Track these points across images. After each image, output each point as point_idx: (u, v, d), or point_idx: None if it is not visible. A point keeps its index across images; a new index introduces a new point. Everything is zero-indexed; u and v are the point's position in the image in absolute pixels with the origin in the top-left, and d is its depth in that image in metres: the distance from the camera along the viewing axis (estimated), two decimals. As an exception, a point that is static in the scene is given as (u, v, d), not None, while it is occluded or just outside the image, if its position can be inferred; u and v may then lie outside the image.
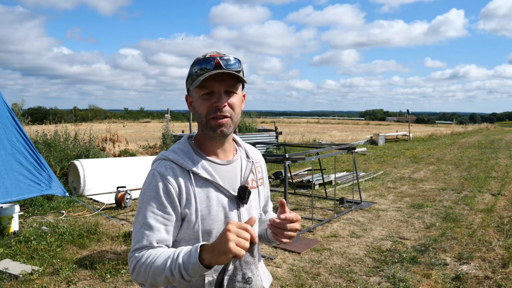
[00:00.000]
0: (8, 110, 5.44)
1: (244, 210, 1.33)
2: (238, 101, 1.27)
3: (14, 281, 3.97)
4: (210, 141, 1.32)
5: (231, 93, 1.25)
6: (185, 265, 1.08)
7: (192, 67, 1.26)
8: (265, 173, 1.53)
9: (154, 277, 1.14)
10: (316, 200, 7.74)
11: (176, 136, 14.38)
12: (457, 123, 47.87)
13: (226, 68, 1.21)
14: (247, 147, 1.46)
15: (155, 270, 1.14)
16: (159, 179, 1.25)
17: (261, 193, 1.44)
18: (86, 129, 10.42)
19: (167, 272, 1.11)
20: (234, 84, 1.25)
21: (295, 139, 20.24)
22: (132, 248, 1.22)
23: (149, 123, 44.34)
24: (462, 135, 31.13)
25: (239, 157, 1.39)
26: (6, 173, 4.98)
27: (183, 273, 1.08)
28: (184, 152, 1.30)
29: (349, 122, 62.03)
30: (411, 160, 14.25)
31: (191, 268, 1.07)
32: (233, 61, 1.23)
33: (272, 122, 21.40)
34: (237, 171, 1.36)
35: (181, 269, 1.08)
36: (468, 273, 4.25)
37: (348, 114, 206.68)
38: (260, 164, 1.48)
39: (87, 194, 7.80)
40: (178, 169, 1.27)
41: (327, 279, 4.14)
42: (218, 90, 1.23)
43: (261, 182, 1.45)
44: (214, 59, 1.21)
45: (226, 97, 1.24)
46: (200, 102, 1.25)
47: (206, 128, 1.26)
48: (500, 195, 8.13)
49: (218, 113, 1.23)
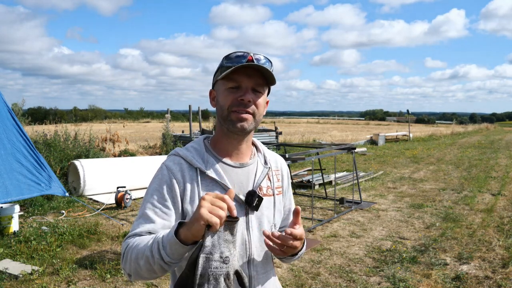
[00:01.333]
0: (8, 110, 5.44)
1: (254, 218, 1.27)
2: (263, 102, 1.25)
3: (14, 281, 3.97)
4: (227, 140, 1.28)
5: (257, 92, 1.23)
6: (163, 243, 1.04)
7: (222, 60, 1.24)
8: (287, 183, 1.44)
9: (137, 260, 1.10)
10: (316, 200, 7.74)
11: (176, 136, 14.39)
12: (457, 123, 47.89)
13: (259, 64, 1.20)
14: (267, 153, 1.39)
15: (138, 252, 1.10)
16: (166, 172, 1.24)
17: (278, 203, 1.35)
18: (86, 129, 10.41)
19: (147, 251, 1.07)
20: (262, 84, 1.23)
21: (295, 139, 20.24)
22: (126, 237, 1.22)
23: (149, 123, 44.34)
24: (462, 135, 31.14)
25: (256, 161, 1.33)
26: (6, 173, 4.98)
27: (161, 251, 1.03)
28: (196, 150, 1.28)
29: (349, 122, 62.05)
30: (411, 160, 14.25)
31: (168, 245, 1.02)
32: (264, 60, 1.22)
33: (272, 122, 21.41)
34: (251, 176, 1.30)
35: (160, 247, 1.04)
36: (468, 273, 4.25)
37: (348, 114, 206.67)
38: (281, 173, 1.41)
39: (87, 194, 7.80)
40: (186, 165, 1.25)
41: (327, 279, 4.14)
42: (246, 86, 1.21)
43: (279, 192, 1.37)
44: (247, 54, 1.21)
45: (252, 94, 1.22)
46: (225, 95, 1.23)
47: (226, 121, 1.23)
48: (500, 195, 8.14)
49: (241, 107, 1.20)
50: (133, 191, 7.69)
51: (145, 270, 1.10)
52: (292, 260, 1.34)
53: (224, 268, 0.99)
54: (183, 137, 14.25)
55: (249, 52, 1.22)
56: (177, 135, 14.61)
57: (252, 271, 1.27)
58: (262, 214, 1.29)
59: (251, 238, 1.26)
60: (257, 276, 1.28)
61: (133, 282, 1.12)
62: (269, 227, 1.31)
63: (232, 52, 1.25)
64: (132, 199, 7.24)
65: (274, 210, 1.33)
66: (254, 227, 1.27)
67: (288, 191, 1.44)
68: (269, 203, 1.31)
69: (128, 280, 4.05)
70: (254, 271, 1.27)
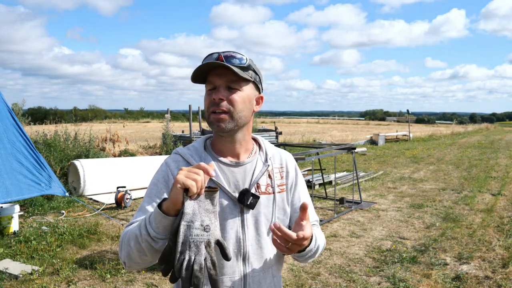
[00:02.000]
0: (8, 110, 5.44)
1: (250, 216, 1.26)
2: (241, 98, 1.24)
3: (14, 281, 3.97)
4: (219, 141, 1.30)
5: (233, 89, 1.23)
6: (150, 219, 1.09)
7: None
8: (294, 180, 1.40)
9: (128, 242, 1.14)
10: (316, 200, 7.74)
11: (176, 136, 14.38)
12: (457, 123, 47.91)
13: (228, 63, 1.20)
14: (269, 151, 1.37)
15: (129, 235, 1.14)
16: (164, 168, 1.29)
17: (280, 201, 1.33)
18: (86, 129, 10.41)
19: (136, 230, 1.11)
20: (236, 80, 1.23)
21: (295, 139, 20.25)
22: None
23: (149, 123, 44.34)
24: (462, 135, 31.14)
25: (255, 159, 1.32)
26: (6, 173, 4.98)
27: (147, 227, 1.08)
28: (195, 149, 1.32)
29: (349, 122, 62.05)
30: (411, 160, 14.25)
31: (153, 219, 1.07)
32: (237, 58, 1.22)
33: (272, 122, 21.40)
34: (248, 174, 1.29)
35: (146, 223, 1.09)
36: (468, 273, 4.25)
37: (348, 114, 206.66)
38: (286, 169, 1.38)
39: (87, 194, 7.80)
40: (183, 162, 1.28)
41: (327, 279, 4.14)
42: (218, 85, 1.22)
43: (282, 189, 1.35)
44: (218, 54, 1.22)
45: (227, 92, 1.22)
46: (205, 98, 1.27)
47: (209, 123, 1.26)
48: (500, 195, 8.14)
49: (215, 107, 1.22)
50: (133, 191, 7.69)
51: (135, 251, 1.13)
52: (305, 258, 1.30)
53: (205, 236, 1.02)
54: (183, 137, 14.25)
55: (220, 51, 1.23)
56: (177, 135, 14.61)
57: (247, 269, 1.26)
58: (259, 213, 1.28)
59: (247, 236, 1.26)
60: (252, 274, 1.27)
61: (129, 270, 1.12)
62: (269, 225, 1.30)
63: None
64: (132, 199, 7.24)
65: (274, 208, 1.31)
66: (250, 225, 1.27)
67: (296, 187, 1.40)
68: (268, 201, 1.30)
69: (128, 281, 4.06)
70: (249, 269, 1.26)
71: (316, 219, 1.47)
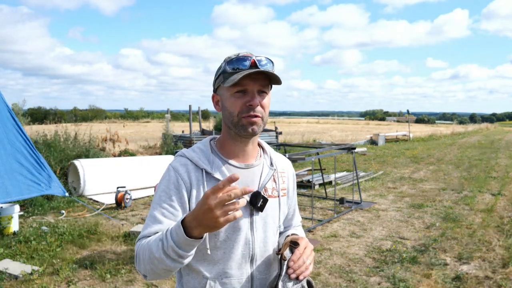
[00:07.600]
0: (8, 110, 5.44)
1: (259, 218, 1.28)
2: (268, 102, 1.26)
3: (14, 281, 3.97)
4: (233, 142, 1.29)
5: (263, 93, 1.24)
6: (179, 244, 1.06)
7: (224, 65, 1.24)
8: (293, 185, 1.46)
9: (151, 261, 1.12)
10: (316, 200, 7.74)
11: (176, 136, 14.38)
12: (457, 123, 47.91)
13: (261, 67, 1.20)
14: (273, 155, 1.40)
15: (151, 255, 1.12)
16: (172, 173, 1.25)
17: (283, 205, 1.37)
18: (86, 129, 10.41)
19: (161, 254, 1.09)
20: (266, 85, 1.24)
21: (295, 139, 20.23)
22: (137, 239, 1.24)
23: (149, 123, 44.31)
24: (462, 135, 31.14)
25: (262, 163, 1.34)
26: (6, 173, 4.98)
27: (179, 252, 1.06)
28: (202, 151, 1.29)
29: (349, 122, 62.04)
30: (411, 160, 14.25)
31: (183, 243, 1.05)
32: (265, 61, 1.22)
33: (272, 122, 21.40)
34: (256, 177, 1.31)
35: (175, 249, 1.06)
36: (468, 273, 4.25)
37: (348, 114, 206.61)
38: (286, 174, 1.42)
39: (87, 194, 7.80)
40: (192, 166, 1.26)
41: (327, 279, 4.14)
42: (252, 89, 1.21)
43: (284, 193, 1.38)
44: (249, 58, 1.21)
45: (259, 97, 1.23)
46: (232, 101, 1.23)
47: (237, 127, 1.23)
48: (500, 195, 8.14)
49: (251, 112, 1.21)
50: (133, 191, 7.69)
51: (161, 270, 1.14)
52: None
53: (299, 286, 1.21)
54: (183, 137, 14.25)
55: (251, 55, 1.23)
56: (177, 135, 14.61)
57: (255, 271, 1.29)
58: (267, 215, 1.30)
59: (255, 238, 1.28)
60: (259, 276, 1.29)
61: (149, 280, 1.15)
62: (275, 227, 1.34)
63: (232, 55, 1.25)
64: (132, 199, 7.23)
65: (279, 212, 1.35)
66: (259, 228, 1.29)
67: (294, 193, 1.46)
68: (274, 204, 1.33)
69: (128, 281, 4.06)
70: (256, 271, 1.29)
71: (300, 220, 1.56)
